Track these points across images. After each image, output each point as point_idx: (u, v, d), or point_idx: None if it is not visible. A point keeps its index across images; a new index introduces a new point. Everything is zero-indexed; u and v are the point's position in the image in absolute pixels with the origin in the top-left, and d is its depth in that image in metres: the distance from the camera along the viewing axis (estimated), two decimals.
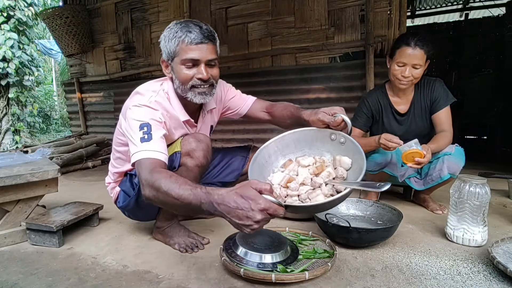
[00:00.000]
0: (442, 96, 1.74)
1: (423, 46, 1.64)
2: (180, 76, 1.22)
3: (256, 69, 3.24)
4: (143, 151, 1.07)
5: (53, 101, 9.23)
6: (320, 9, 2.92)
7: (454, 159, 1.63)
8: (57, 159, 3.00)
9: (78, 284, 1.13)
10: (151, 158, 1.06)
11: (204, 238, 1.45)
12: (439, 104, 1.74)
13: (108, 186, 1.53)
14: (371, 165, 1.77)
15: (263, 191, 0.81)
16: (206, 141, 1.31)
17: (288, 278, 1.07)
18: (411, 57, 1.64)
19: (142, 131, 1.11)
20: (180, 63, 1.20)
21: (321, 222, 1.40)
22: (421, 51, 1.64)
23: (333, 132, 1.09)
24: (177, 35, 1.17)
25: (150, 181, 0.97)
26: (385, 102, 1.86)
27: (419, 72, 1.68)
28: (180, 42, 1.17)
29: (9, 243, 1.46)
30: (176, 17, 3.57)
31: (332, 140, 1.08)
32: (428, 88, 1.78)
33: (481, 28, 4.38)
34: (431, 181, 1.70)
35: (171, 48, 1.20)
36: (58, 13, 3.75)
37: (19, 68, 5.69)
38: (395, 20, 2.67)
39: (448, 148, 1.67)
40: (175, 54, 1.20)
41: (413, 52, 1.64)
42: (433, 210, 1.79)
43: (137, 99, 1.23)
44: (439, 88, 1.76)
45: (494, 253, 1.14)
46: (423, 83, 1.80)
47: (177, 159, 1.26)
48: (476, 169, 2.77)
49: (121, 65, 4.09)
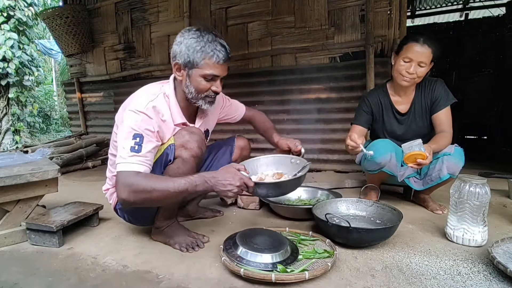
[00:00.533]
0: (442, 96, 1.75)
1: (431, 45, 1.65)
2: (198, 87, 1.30)
3: (256, 69, 3.24)
4: (129, 164, 1.16)
5: (53, 101, 9.23)
6: (320, 9, 2.92)
7: (453, 159, 1.63)
8: (57, 159, 3.00)
9: (78, 284, 1.13)
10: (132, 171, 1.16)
11: (204, 237, 1.45)
12: (440, 104, 1.75)
13: (107, 192, 1.51)
14: (371, 165, 1.76)
15: (240, 169, 1.23)
16: (199, 133, 1.36)
17: (288, 278, 1.07)
18: (418, 54, 1.65)
19: (134, 141, 1.18)
20: (201, 74, 1.27)
21: (321, 222, 1.40)
22: (429, 50, 1.65)
23: (292, 157, 1.54)
24: (205, 50, 1.24)
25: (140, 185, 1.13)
26: (386, 101, 1.87)
27: (423, 71, 1.68)
28: (207, 58, 1.25)
29: (9, 243, 1.46)
30: (176, 17, 3.57)
31: (291, 163, 1.53)
32: (429, 88, 1.79)
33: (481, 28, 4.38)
34: (431, 181, 1.70)
35: (195, 59, 1.25)
36: (58, 13, 3.75)
37: (19, 68, 5.69)
38: (395, 20, 2.66)
39: (447, 148, 1.67)
40: (197, 65, 1.26)
41: (421, 49, 1.64)
42: (433, 210, 1.79)
43: (135, 103, 1.26)
44: (440, 88, 1.77)
45: (494, 253, 1.14)
46: (424, 83, 1.80)
47: (171, 151, 1.29)
48: (476, 169, 2.77)
49: (121, 65, 4.08)
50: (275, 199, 1.86)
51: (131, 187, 1.13)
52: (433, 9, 5.62)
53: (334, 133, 2.94)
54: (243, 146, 1.69)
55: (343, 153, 2.91)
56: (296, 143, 1.55)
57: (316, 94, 3.00)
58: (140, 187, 1.12)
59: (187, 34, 1.26)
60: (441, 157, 1.66)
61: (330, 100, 2.95)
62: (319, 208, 1.56)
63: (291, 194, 1.91)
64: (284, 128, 3.11)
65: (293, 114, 3.09)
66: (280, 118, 3.13)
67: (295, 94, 3.07)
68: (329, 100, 2.95)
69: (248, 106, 1.82)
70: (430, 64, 1.70)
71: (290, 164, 1.52)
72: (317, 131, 2.99)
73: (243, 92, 3.24)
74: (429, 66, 1.71)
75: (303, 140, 1.70)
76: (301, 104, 3.06)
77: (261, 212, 1.89)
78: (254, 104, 3.23)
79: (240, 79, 3.26)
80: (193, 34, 1.25)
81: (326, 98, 2.97)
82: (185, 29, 1.29)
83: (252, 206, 1.91)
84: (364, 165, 1.84)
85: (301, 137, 3.05)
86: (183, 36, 1.26)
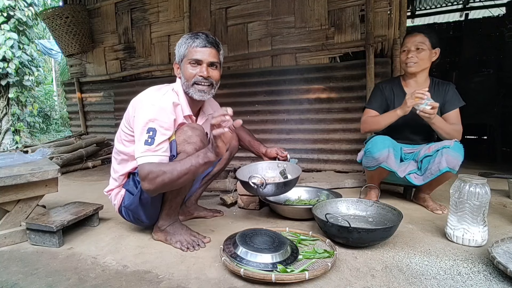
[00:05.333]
0: (454, 98, 1.85)
1: (424, 32, 1.83)
2: (185, 73, 1.43)
3: (256, 69, 3.24)
4: (143, 157, 1.26)
5: (53, 101, 9.23)
6: (320, 9, 2.92)
7: (452, 152, 1.64)
8: (57, 159, 2.99)
9: (78, 284, 1.13)
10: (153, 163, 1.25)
11: (205, 237, 1.46)
12: (451, 105, 1.84)
13: (111, 193, 1.53)
14: (369, 160, 1.80)
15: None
16: (200, 129, 1.40)
17: (288, 278, 1.07)
18: (413, 40, 1.83)
19: (148, 135, 1.27)
20: (186, 62, 1.42)
21: (321, 222, 1.40)
22: (421, 35, 1.82)
23: (279, 162, 1.77)
24: (187, 42, 1.42)
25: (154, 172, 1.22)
26: (399, 90, 1.95)
27: (424, 55, 1.81)
28: (188, 46, 1.41)
29: (9, 243, 1.46)
30: (176, 17, 3.57)
31: (278, 167, 1.78)
32: (442, 89, 1.88)
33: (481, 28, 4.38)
34: (430, 175, 1.71)
35: (181, 52, 1.43)
36: (58, 13, 3.75)
37: (19, 68, 5.69)
38: (395, 20, 2.66)
39: (447, 141, 1.70)
40: (184, 56, 1.43)
41: (414, 37, 1.83)
42: (433, 210, 1.79)
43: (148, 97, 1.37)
44: (452, 92, 1.87)
45: (494, 253, 1.14)
46: (438, 83, 1.91)
47: (173, 147, 1.33)
48: (476, 169, 2.77)
49: (121, 65, 4.08)
50: (275, 199, 1.87)
51: (148, 176, 1.24)
52: (433, 9, 5.63)
53: (334, 133, 2.94)
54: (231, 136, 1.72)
55: (343, 153, 2.92)
56: (282, 150, 1.77)
57: (316, 94, 3.00)
58: (154, 174, 1.23)
59: (182, 39, 1.45)
60: (440, 149, 1.68)
61: (330, 100, 2.95)
62: (319, 208, 1.56)
63: (291, 194, 1.94)
64: (284, 128, 3.11)
65: (293, 114, 3.09)
66: (280, 118, 3.13)
67: (295, 94, 3.07)
68: (329, 100, 2.95)
69: (249, 106, 1.84)
70: (431, 50, 1.83)
71: (278, 168, 1.79)
72: (317, 131, 2.99)
73: (243, 92, 3.25)
74: (431, 52, 1.83)
75: (303, 140, 1.75)
76: (301, 104, 3.06)
77: (261, 212, 1.89)
78: (254, 104, 3.23)
79: (240, 79, 3.26)
80: (186, 36, 1.44)
81: (326, 98, 2.97)
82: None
83: (252, 206, 1.92)
84: (364, 162, 1.88)
85: (301, 137, 3.07)
86: (179, 41, 1.45)
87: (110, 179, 1.55)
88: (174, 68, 1.50)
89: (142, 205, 1.41)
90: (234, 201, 1.99)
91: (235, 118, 1.19)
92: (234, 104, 3.27)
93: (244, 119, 2.89)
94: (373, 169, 1.81)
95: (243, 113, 3.22)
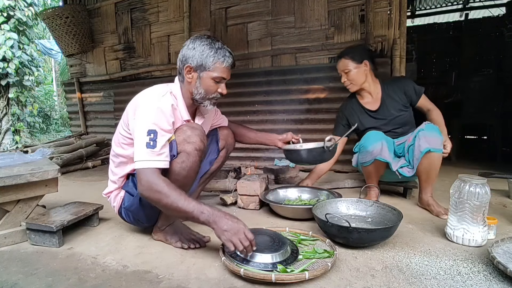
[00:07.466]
0: (415, 88, 1.98)
1: (343, 55, 1.99)
2: (207, 88, 1.41)
3: (256, 69, 3.24)
4: (146, 161, 1.23)
5: (53, 101, 9.23)
6: (320, 9, 2.92)
7: (427, 132, 1.75)
8: (57, 159, 3.00)
9: (78, 284, 1.13)
10: (152, 168, 1.22)
11: (205, 237, 1.46)
12: (416, 95, 1.98)
13: (110, 196, 1.53)
14: (364, 156, 1.85)
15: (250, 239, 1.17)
16: (200, 128, 1.39)
17: (288, 278, 1.07)
18: (338, 68, 2.03)
19: (149, 137, 1.24)
20: (211, 77, 1.39)
21: (321, 222, 1.40)
22: (341, 59, 2.00)
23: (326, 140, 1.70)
24: (217, 56, 1.38)
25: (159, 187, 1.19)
26: (357, 106, 2.11)
27: (352, 75, 1.98)
28: (218, 62, 1.38)
29: (9, 243, 1.46)
30: (176, 17, 3.57)
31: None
32: (397, 86, 2.01)
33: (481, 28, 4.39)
34: (416, 160, 1.78)
35: (207, 63, 1.38)
36: (58, 13, 3.75)
37: (19, 68, 5.69)
38: (395, 20, 2.66)
39: (420, 126, 1.80)
40: (208, 68, 1.38)
41: (338, 64, 2.03)
42: (439, 215, 1.73)
43: (147, 99, 1.34)
44: (409, 84, 2.00)
45: (494, 253, 1.14)
46: (389, 83, 2.05)
47: (174, 147, 1.31)
48: (476, 169, 2.77)
49: (121, 65, 4.08)
50: (275, 199, 1.88)
51: (151, 185, 1.20)
52: (433, 9, 5.63)
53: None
54: (227, 134, 1.72)
55: (343, 153, 2.90)
56: (291, 134, 1.80)
57: (316, 94, 3.00)
58: (159, 188, 1.19)
59: (199, 41, 1.38)
60: (416, 135, 1.78)
61: (329, 100, 2.95)
62: (319, 208, 1.56)
63: (291, 194, 1.96)
64: (284, 128, 3.11)
65: (292, 114, 3.09)
66: (280, 118, 3.13)
67: (294, 94, 3.07)
68: (328, 100, 2.95)
69: (248, 106, 1.84)
70: (359, 66, 1.96)
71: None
72: (317, 131, 2.99)
73: (243, 92, 3.24)
74: (360, 67, 1.97)
75: (302, 140, 1.74)
76: (301, 104, 3.06)
77: (261, 212, 1.89)
78: (254, 104, 3.23)
79: (240, 79, 3.26)
80: (205, 41, 1.38)
81: (326, 98, 2.97)
82: (195, 36, 1.42)
83: (252, 206, 1.92)
84: (359, 159, 1.94)
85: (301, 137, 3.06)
86: (195, 43, 1.38)
87: (108, 181, 1.54)
88: (185, 70, 1.40)
89: (142, 205, 1.40)
90: (234, 201, 1.99)
91: (235, 118, 1.19)
92: (234, 104, 3.29)
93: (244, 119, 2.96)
94: (369, 164, 1.85)
95: (242, 113, 3.21)
